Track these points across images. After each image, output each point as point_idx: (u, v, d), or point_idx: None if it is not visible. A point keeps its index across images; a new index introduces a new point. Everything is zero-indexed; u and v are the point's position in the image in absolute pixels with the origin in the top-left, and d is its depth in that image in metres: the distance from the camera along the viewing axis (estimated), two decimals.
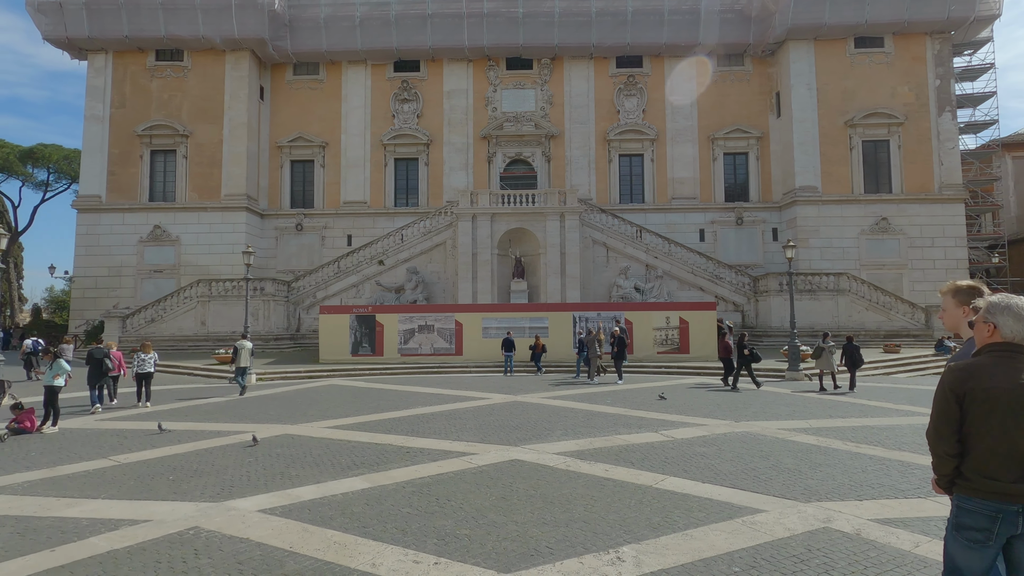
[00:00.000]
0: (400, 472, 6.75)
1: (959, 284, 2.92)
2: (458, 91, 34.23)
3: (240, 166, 31.78)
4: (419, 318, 22.41)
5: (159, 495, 5.99)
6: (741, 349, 15.72)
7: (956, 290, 2.88)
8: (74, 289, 32.44)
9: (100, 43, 31.57)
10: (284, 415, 11.31)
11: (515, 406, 12.14)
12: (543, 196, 28.61)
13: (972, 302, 2.77)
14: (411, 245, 29.01)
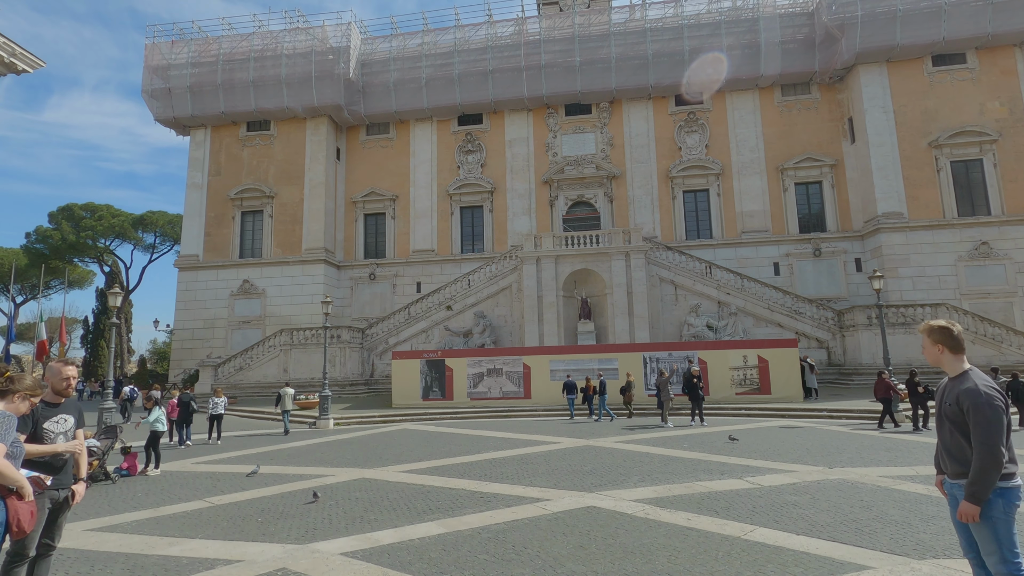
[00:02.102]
0: (475, 517, 6.72)
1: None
2: (519, 139, 35.36)
3: (319, 222, 34.04)
4: (487, 362, 22.59)
5: (249, 536, 6.27)
6: (914, 387, 14.70)
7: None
8: (174, 341, 35.35)
9: (201, 120, 35.37)
10: (360, 459, 11.60)
11: (587, 451, 11.85)
12: (607, 236, 28.56)
13: None
14: (477, 290, 29.59)
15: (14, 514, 3.31)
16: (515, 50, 34.10)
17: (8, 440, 3.33)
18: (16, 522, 3.32)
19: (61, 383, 4.11)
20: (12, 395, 3.52)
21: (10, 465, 3.32)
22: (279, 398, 17.98)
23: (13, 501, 3.32)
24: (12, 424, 3.38)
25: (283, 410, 17.77)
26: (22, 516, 3.34)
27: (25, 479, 3.40)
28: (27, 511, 3.38)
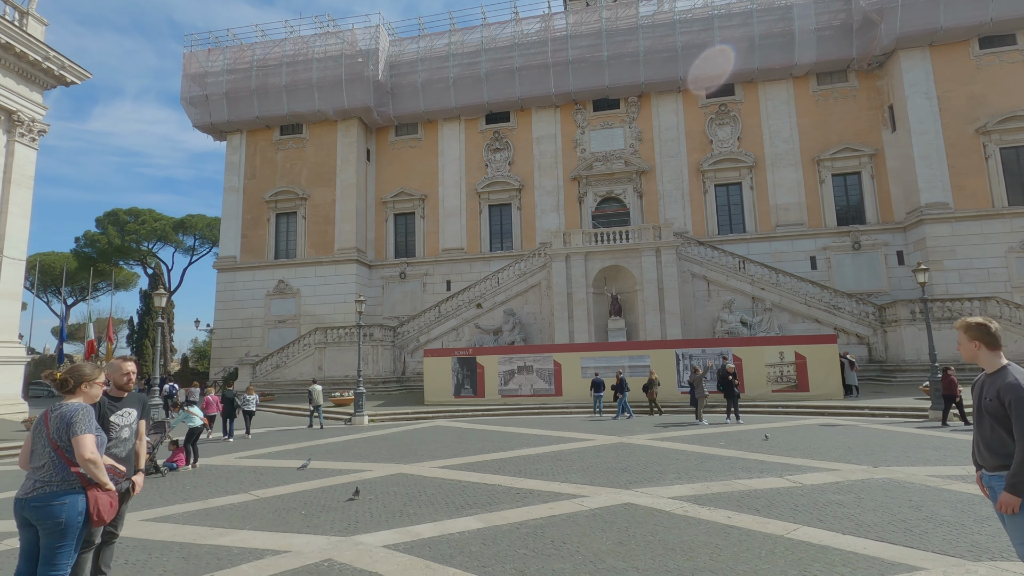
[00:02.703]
0: (512, 513, 6.78)
1: None
2: (547, 136, 35.28)
3: (350, 222, 34.63)
4: (518, 359, 22.65)
5: (294, 528, 6.46)
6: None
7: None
8: (213, 339, 36.50)
9: (236, 125, 36.36)
10: (396, 455, 11.80)
11: (621, 448, 11.78)
12: (637, 232, 28.29)
13: None
14: (507, 288, 29.68)
15: (94, 503, 3.52)
16: (542, 47, 34.01)
17: (93, 428, 3.56)
18: (96, 512, 3.52)
19: (122, 378, 4.34)
20: (79, 387, 3.71)
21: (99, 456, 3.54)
22: (310, 395, 18.88)
23: (94, 492, 3.53)
24: (91, 416, 3.60)
25: (314, 406, 18.65)
26: (102, 506, 3.55)
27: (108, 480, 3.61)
28: (107, 501, 3.59)
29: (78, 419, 3.51)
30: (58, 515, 3.43)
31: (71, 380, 3.69)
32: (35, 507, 3.43)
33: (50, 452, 3.50)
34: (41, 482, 3.48)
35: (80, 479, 3.51)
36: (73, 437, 3.46)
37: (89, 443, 3.47)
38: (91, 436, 3.50)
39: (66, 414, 3.53)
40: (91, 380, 3.75)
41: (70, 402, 3.62)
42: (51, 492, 3.46)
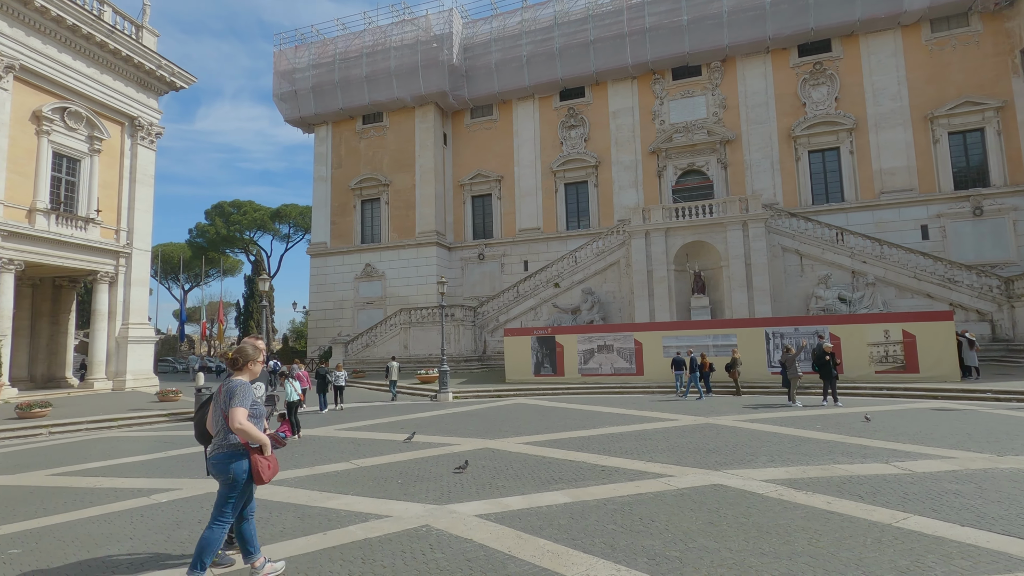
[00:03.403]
0: (598, 489, 6.86)
1: None
2: (623, 110, 34.27)
3: (430, 206, 35.63)
4: (598, 338, 22.52)
5: (393, 495, 6.92)
6: None
7: None
8: (309, 320, 39.19)
9: (323, 117, 38.27)
10: (481, 430, 12.22)
11: (708, 428, 11.49)
12: (721, 205, 26.99)
13: None
14: (585, 266, 29.43)
15: (255, 466, 4.13)
16: (617, 16, 32.87)
17: (248, 403, 4.14)
18: (257, 473, 4.14)
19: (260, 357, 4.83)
20: (245, 366, 4.39)
21: (253, 426, 4.12)
22: (388, 370, 20.92)
23: (255, 456, 4.15)
24: (249, 391, 4.22)
25: (391, 380, 20.66)
26: (261, 469, 4.16)
27: (267, 438, 4.20)
28: (265, 464, 4.21)
29: (237, 393, 4.16)
30: (228, 472, 4.13)
31: (240, 359, 4.39)
32: (213, 464, 4.19)
33: (221, 420, 4.20)
34: (216, 444, 4.22)
35: (244, 444, 4.14)
36: (230, 408, 4.07)
37: (240, 415, 4.06)
38: (244, 409, 4.10)
39: (231, 388, 4.20)
40: (254, 359, 4.46)
41: (236, 378, 4.29)
42: (223, 453, 4.17)
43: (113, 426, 16.04)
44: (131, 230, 25.78)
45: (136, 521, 6.24)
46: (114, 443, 12.86)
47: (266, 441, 4.17)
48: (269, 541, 5.27)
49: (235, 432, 4.08)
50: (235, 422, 4.04)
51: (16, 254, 21.24)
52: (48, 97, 22.79)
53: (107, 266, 24.75)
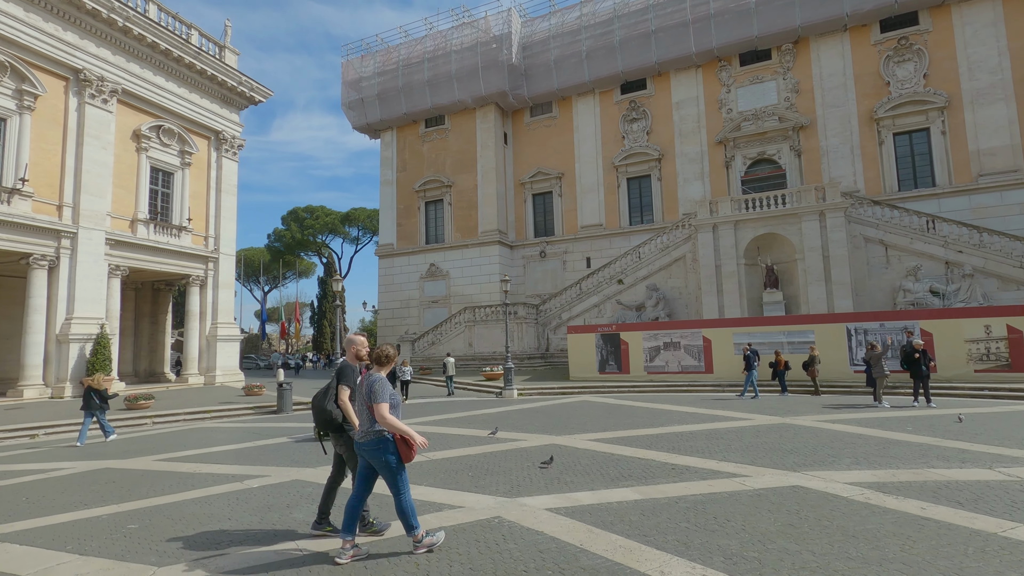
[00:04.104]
0: (669, 487, 6.75)
1: None
2: (687, 100, 33.27)
3: (491, 205, 36.06)
4: (664, 335, 22.03)
5: (464, 487, 7.11)
6: None
7: None
8: (378, 319, 40.69)
9: (388, 123, 39.59)
10: (547, 427, 12.28)
11: (784, 428, 11.00)
12: (795, 195, 25.65)
13: None
14: (649, 262, 28.84)
15: (401, 447, 4.63)
16: (679, 3, 31.94)
17: (388, 397, 4.66)
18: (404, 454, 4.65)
19: (363, 350, 5.40)
20: (389, 363, 4.91)
21: (395, 419, 4.61)
22: (444, 367, 21.69)
23: (399, 438, 4.64)
24: (387, 385, 4.74)
25: (447, 376, 21.37)
26: (405, 449, 4.64)
27: (406, 426, 4.66)
28: (406, 447, 4.65)
29: (376, 388, 4.65)
30: (380, 456, 4.63)
31: (381, 357, 4.90)
32: (365, 450, 4.70)
33: (366, 411, 4.70)
34: (363, 432, 4.71)
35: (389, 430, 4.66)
36: (374, 404, 4.60)
37: (384, 409, 4.59)
38: (386, 403, 4.61)
39: (371, 383, 4.69)
40: (392, 358, 4.94)
41: (376, 373, 4.78)
42: (371, 440, 4.65)
43: (206, 417, 17.38)
44: (217, 236, 27.77)
45: (232, 503, 6.77)
46: (208, 433, 13.94)
47: (406, 430, 4.62)
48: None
49: (383, 424, 4.57)
50: (381, 416, 4.56)
51: (122, 260, 23.41)
52: (145, 117, 24.95)
53: (198, 270, 26.80)
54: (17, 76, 20.33)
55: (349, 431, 5.12)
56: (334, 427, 5.19)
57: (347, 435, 5.19)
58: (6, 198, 19.78)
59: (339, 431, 5.22)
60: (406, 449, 4.62)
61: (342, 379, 5.13)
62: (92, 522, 6.21)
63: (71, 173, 21.80)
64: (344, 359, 5.38)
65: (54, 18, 21.37)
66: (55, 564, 4.91)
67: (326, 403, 5.16)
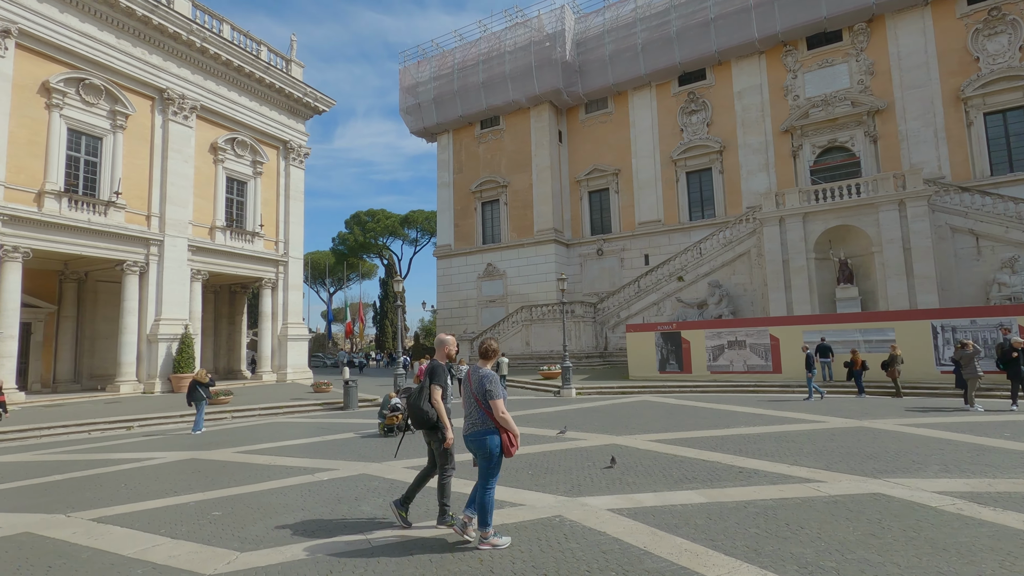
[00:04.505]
0: (736, 491, 6.51)
1: None
2: (750, 89, 31.93)
3: (546, 204, 35.99)
4: (728, 333, 21.27)
5: (525, 485, 7.15)
6: None
7: None
8: (437, 319, 41.54)
9: (444, 126, 40.30)
10: (607, 426, 12.14)
11: (862, 432, 10.36)
12: (871, 183, 24.09)
13: None
14: (710, 258, 27.90)
15: (506, 441, 4.81)
16: None
17: (503, 392, 4.87)
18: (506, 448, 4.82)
19: (453, 349, 5.65)
20: (495, 356, 5.18)
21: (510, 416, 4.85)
22: (498, 366, 21.39)
23: (504, 434, 4.81)
24: (499, 381, 4.92)
25: (500, 375, 21.21)
26: (508, 445, 4.82)
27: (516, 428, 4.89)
28: (510, 441, 4.83)
29: (492, 385, 4.85)
30: (486, 447, 4.81)
31: (488, 351, 5.17)
32: (471, 441, 4.87)
33: (473, 403, 4.89)
34: (471, 423, 4.89)
35: (494, 423, 4.83)
36: (491, 400, 4.80)
37: (501, 405, 4.80)
38: (502, 400, 4.84)
39: (483, 377, 4.89)
40: (497, 352, 5.24)
41: (484, 368, 5.00)
42: (479, 431, 4.84)
43: (279, 412, 18.34)
44: (287, 241, 29.23)
45: (305, 495, 7.11)
46: (280, 427, 14.71)
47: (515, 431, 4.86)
48: (416, 520, 5.73)
49: (499, 420, 4.76)
50: (497, 412, 4.77)
51: (202, 265, 25.08)
52: (221, 130, 26.59)
53: (269, 273, 28.31)
54: (111, 98, 22.19)
55: (443, 429, 5.31)
56: (429, 425, 5.32)
57: (441, 433, 5.32)
58: (103, 210, 21.64)
59: (434, 429, 5.34)
60: (508, 446, 4.78)
61: (434, 379, 5.34)
62: (181, 508, 6.70)
63: (157, 185, 23.57)
64: (434, 358, 5.56)
65: (141, 43, 23.16)
66: (151, 546, 5.33)
67: (421, 402, 5.30)
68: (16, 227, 19.11)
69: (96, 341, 25.46)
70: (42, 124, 20.19)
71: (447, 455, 5.39)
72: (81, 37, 21.11)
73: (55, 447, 12.75)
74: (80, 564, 4.93)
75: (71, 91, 20.95)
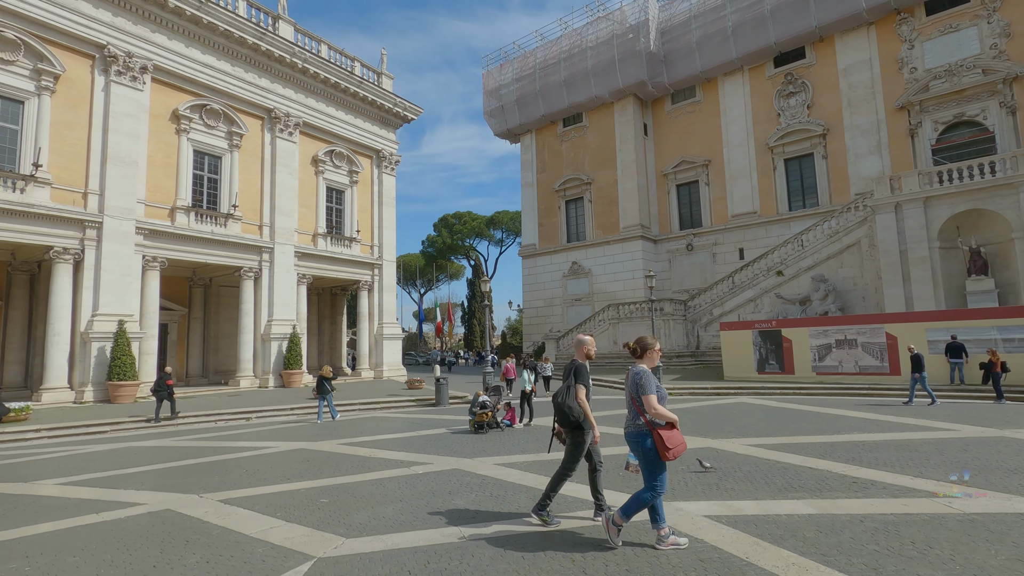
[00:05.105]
0: (851, 503, 5.99)
1: None
2: (857, 64, 29.30)
3: (632, 200, 35.17)
4: (836, 331, 19.65)
5: (616, 487, 7.02)
6: None
7: None
8: (523, 318, 41.95)
9: (527, 126, 40.60)
10: (701, 429, 11.64)
11: (1003, 442, 9.15)
12: (1010, 161, 21.28)
13: None
14: (814, 251, 25.92)
15: (659, 441, 4.54)
16: None
17: (654, 389, 4.69)
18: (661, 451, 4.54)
19: (592, 349, 5.60)
20: (645, 353, 4.88)
21: (665, 409, 4.64)
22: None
23: (658, 433, 4.56)
24: (652, 378, 4.73)
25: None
26: (662, 446, 4.54)
27: (675, 416, 4.65)
28: (666, 442, 4.54)
29: (643, 381, 4.67)
30: (642, 447, 4.66)
31: (639, 348, 4.90)
32: (628, 440, 4.79)
33: (628, 401, 4.81)
34: (627, 423, 4.82)
35: (646, 423, 4.66)
36: (643, 396, 4.63)
37: (654, 400, 4.60)
38: (654, 395, 4.62)
39: (635, 376, 4.75)
40: (652, 348, 4.91)
41: (638, 366, 4.83)
42: (631, 431, 4.76)
43: (376, 408, 19.37)
44: (380, 245, 30.80)
45: (402, 487, 7.46)
46: (378, 422, 15.52)
47: (674, 418, 4.61)
48: (502, 518, 5.81)
49: (652, 416, 4.60)
50: (650, 408, 4.59)
51: (307, 270, 27.05)
52: (320, 143, 28.53)
53: (365, 276, 29.98)
54: (228, 120, 24.53)
55: (588, 430, 5.31)
56: (573, 425, 5.33)
57: (582, 433, 5.33)
58: (223, 221, 23.98)
59: (578, 428, 5.35)
60: (663, 447, 4.51)
61: (578, 378, 5.34)
62: (293, 494, 7.27)
63: (267, 197, 25.73)
64: (575, 358, 5.56)
65: (252, 68, 25.39)
66: (269, 527, 5.83)
67: (567, 401, 5.31)
68: (155, 240, 21.67)
69: (219, 340, 28.26)
70: (173, 147, 22.72)
71: (575, 457, 5.37)
72: (203, 67, 23.52)
73: (190, 434, 14.32)
74: (212, 540, 5.50)
75: (195, 116, 23.39)
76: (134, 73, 21.10)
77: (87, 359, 19.28)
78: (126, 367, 19.02)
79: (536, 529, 5.41)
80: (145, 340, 21.00)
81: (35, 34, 18.91)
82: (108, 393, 19.08)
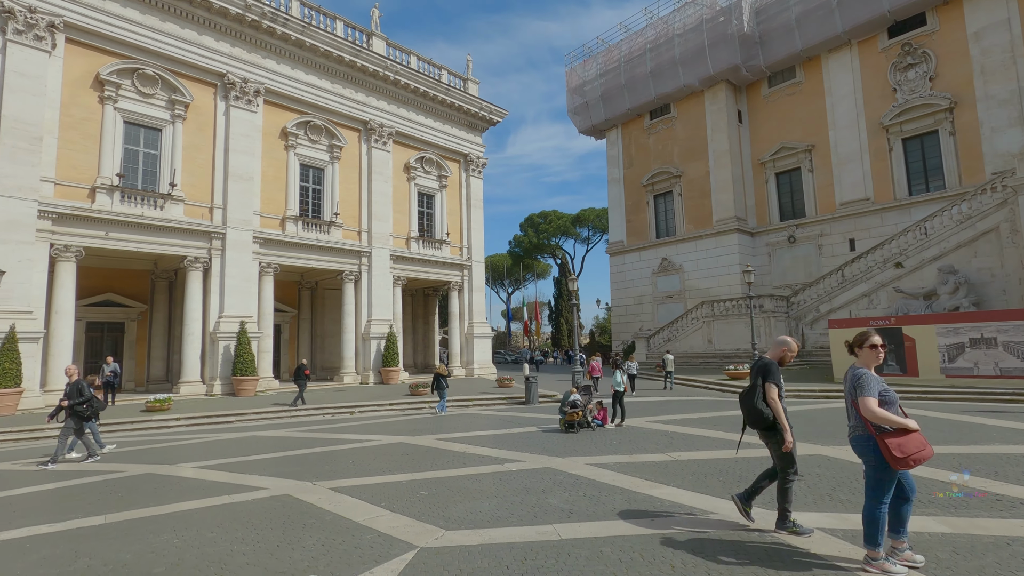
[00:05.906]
0: (992, 523, 5.32)
1: None
2: (992, 26, 25.92)
3: (726, 191, 33.47)
4: (969, 329, 17.53)
5: (715, 492, 6.74)
6: None
7: None
8: (612, 316, 41.29)
9: (612, 122, 39.89)
10: (810, 434, 10.84)
11: None
12: None
13: None
14: (940, 239, 23.29)
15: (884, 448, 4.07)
16: None
17: (875, 391, 4.21)
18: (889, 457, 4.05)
19: (790, 354, 5.29)
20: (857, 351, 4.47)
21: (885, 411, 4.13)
22: (664, 363, 22.57)
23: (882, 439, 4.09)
24: (871, 379, 4.27)
25: (666, 372, 22.15)
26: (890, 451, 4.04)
27: (905, 421, 4.13)
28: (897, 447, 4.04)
29: (862, 383, 4.24)
30: (865, 453, 4.25)
31: (852, 344, 4.50)
32: (853, 445, 4.39)
33: (849, 404, 4.41)
34: (851, 427, 4.42)
35: (868, 426, 4.21)
36: (860, 398, 4.20)
37: (870, 403, 4.14)
38: (872, 398, 4.16)
39: (852, 376, 4.35)
40: (866, 341, 4.41)
41: (855, 365, 4.42)
42: (856, 435, 4.33)
43: (468, 405, 19.93)
44: (469, 246, 31.64)
45: (496, 483, 7.63)
46: (471, 418, 15.97)
47: (903, 423, 4.10)
48: (596, 518, 5.77)
49: (868, 419, 4.16)
50: (865, 410, 4.15)
51: (401, 272, 28.40)
52: (412, 151, 29.82)
53: (455, 277, 30.94)
54: (329, 134, 26.33)
55: (781, 431, 5.06)
56: (764, 425, 5.13)
57: (777, 433, 5.12)
58: (326, 229, 25.78)
59: (770, 429, 5.15)
60: (893, 446, 4.02)
61: (769, 377, 5.10)
62: (395, 485, 7.68)
63: (365, 204, 27.32)
64: (767, 357, 5.32)
65: (349, 84, 27.07)
66: (375, 516, 6.20)
67: (755, 402, 5.12)
68: (269, 248, 23.74)
69: (325, 339, 30.42)
70: (282, 162, 24.77)
71: (788, 458, 5.09)
72: (306, 87, 25.42)
73: (302, 426, 15.56)
74: (325, 525, 5.95)
75: (301, 132, 25.34)
76: (249, 97, 23.25)
77: (215, 356, 21.54)
78: (247, 363, 21.03)
79: (634, 532, 5.33)
80: (262, 339, 23.07)
81: (169, 69, 21.40)
82: (233, 387, 21.20)
